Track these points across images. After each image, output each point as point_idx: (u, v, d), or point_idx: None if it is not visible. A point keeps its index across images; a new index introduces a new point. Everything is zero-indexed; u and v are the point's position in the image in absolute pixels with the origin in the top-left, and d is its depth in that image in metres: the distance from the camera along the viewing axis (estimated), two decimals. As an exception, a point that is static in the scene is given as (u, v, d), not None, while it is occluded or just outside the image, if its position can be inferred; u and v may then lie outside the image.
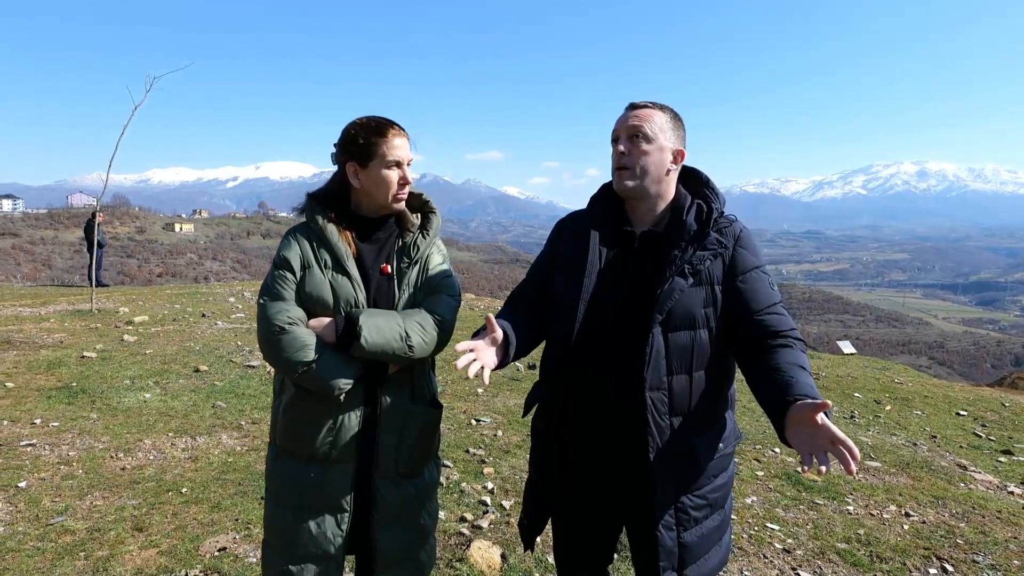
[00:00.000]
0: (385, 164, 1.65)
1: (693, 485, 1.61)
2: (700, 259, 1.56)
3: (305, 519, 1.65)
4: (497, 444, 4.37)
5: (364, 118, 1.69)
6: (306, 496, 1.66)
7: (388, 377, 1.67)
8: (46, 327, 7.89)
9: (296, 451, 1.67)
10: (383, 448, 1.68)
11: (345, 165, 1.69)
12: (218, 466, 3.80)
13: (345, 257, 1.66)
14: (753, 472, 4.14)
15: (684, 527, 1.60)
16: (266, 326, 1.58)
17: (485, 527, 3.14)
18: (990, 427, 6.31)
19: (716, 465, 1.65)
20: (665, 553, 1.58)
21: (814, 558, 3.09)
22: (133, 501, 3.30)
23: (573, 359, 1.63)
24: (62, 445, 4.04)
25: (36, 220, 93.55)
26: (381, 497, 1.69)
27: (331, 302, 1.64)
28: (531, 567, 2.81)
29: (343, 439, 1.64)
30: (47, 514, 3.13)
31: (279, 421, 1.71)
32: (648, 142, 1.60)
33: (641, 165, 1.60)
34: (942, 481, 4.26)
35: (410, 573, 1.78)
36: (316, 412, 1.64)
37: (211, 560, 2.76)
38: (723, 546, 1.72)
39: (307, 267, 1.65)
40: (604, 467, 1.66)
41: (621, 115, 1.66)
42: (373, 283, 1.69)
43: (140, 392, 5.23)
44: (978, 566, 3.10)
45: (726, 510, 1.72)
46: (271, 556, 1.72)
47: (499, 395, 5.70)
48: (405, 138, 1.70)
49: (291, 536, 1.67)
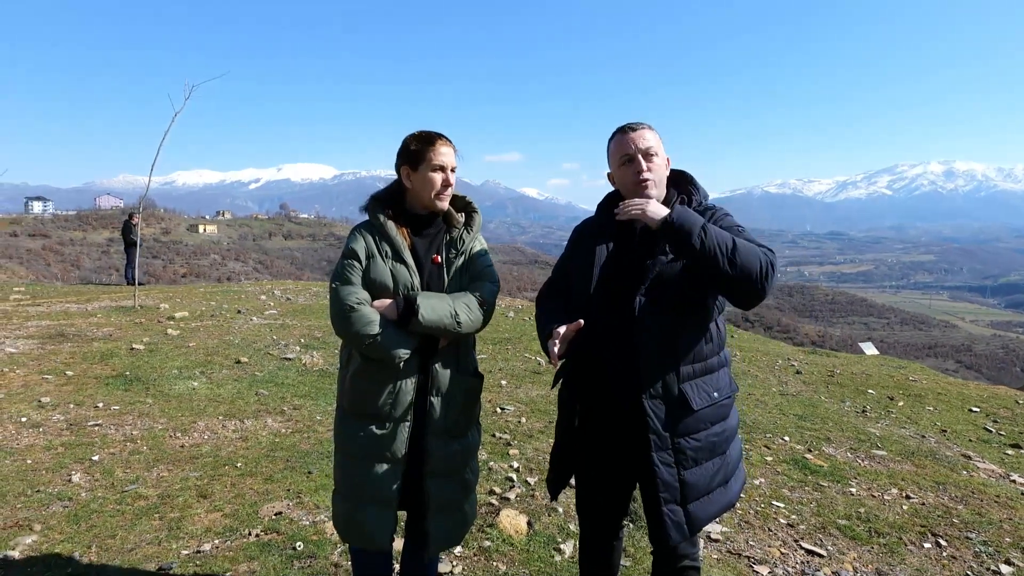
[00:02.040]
0: (431, 168, 1.97)
1: (689, 429, 1.87)
2: None
3: (368, 468, 1.96)
4: (521, 429, 4.68)
5: (419, 131, 2.02)
6: (369, 449, 1.96)
7: (438, 350, 1.99)
8: (94, 322, 8.38)
9: (361, 412, 1.98)
10: (434, 410, 1.98)
11: (400, 168, 2.02)
12: (267, 445, 4.16)
13: (402, 248, 1.98)
14: (763, 457, 4.39)
15: (683, 466, 1.86)
16: (338, 305, 1.90)
17: (512, 499, 3.45)
18: (1001, 423, 6.44)
19: (711, 413, 1.92)
20: (664, 486, 1.84)
21: (815, 532, 3.34)
22: (195, 473, 3.67)
23: (587, 338, 1.94)
24: (125, 426, 4.44)
25: (65, 221, 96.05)
26: (431, 452, 1.99)
27: (391, 286, 1.95)
28: (554, 533, 3.11)
29: (401, 402, 1.95)
30: (121, 483, 3.51)
31: (347, 388, 2.01)
32: (657, 157, 1.94)
33: (657, 178, 1.93)
34: (945, 468, 4.47)
35: (456, 521, 2.08)
36: (378, 379, 1.95)
37: (269, 522, 3.10)
38: (729, 491, 1.97)
39: (371, 257, 1.97)
40: (614, 427, 1.95)
41: (622, 137, 1.95)
42: (426, 270, 2.01)
43: (188, 381, 5.63)
44: (971, 542, 3.32)
45: (728, 457, 1.97)
46: (340, 502, 2.05)
47: (521, 387, 6.00)
48: (451, 147, 2.02)
49: (357, 482, 1.98)
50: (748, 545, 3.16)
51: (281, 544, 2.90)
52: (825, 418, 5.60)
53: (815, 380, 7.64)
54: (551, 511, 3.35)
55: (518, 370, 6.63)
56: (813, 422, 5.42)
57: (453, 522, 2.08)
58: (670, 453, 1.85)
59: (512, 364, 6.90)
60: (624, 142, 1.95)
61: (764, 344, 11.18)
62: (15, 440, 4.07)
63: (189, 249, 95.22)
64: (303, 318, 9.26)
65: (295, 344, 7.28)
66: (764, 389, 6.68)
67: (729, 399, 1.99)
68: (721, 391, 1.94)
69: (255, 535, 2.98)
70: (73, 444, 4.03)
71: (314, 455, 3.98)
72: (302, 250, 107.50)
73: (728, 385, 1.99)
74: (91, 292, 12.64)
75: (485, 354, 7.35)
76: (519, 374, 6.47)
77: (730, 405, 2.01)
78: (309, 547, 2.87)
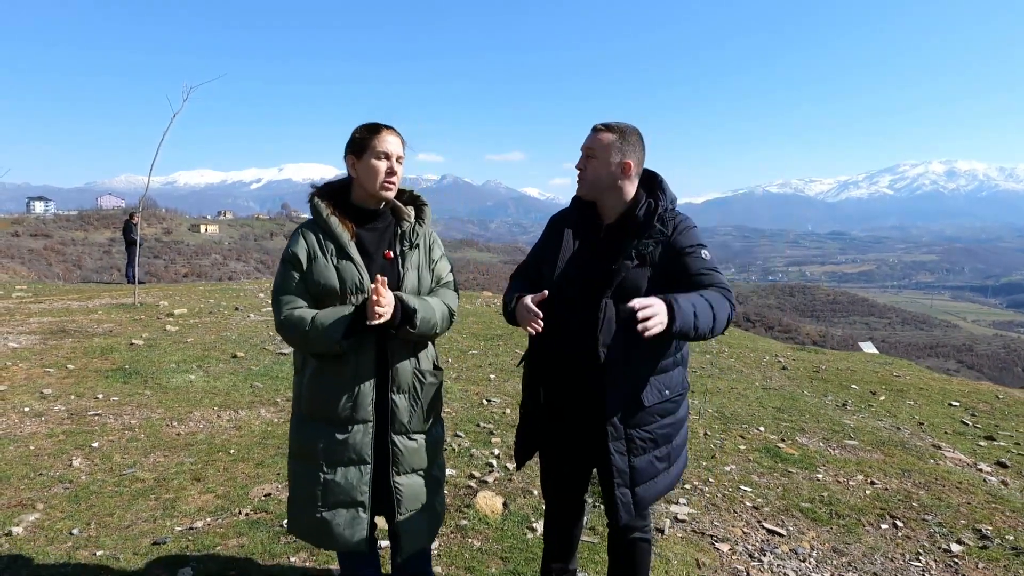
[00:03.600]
0: (375, 155, 1.93)
1: (640, 423, 2.05)
2: (644, 246, 2.02)
3: (333, 473, 1.93)
4: (505, 420, 4.85)
5: (367, 122, 2.00)
6: (332, 453, 1.93)
7: (397, 349, 1.97)
8: (95, 318, 8.57)
9: (321, 416, 1.93)
10: (396, 408, 1.97)
11: (346, 159, 1.99)
12: (259, 433, 4.34)
13: (347, 244, 1.92)
14: (736, 446, 4.56)
15: (634, 454, 2.05)
16: (275, 318, 1.92)
17: (490, 482, 3.63)
18: (979, 416, 6.60)
19: (661, 408, 2.08)
20: (618, 472, 2.03)
21: (779, 514, 3.51)
22: (190, 459, 3.85)
23: (548, 323, 2.10)
24: (123, 415, 4.62)
25: (67, 221, 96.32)
26: (398, 450, 1.98)
27: (338, 286, 1.89)
28: (528, 513, 3.29)
29: (362, 404, 1.92)
30: (119, 467, 3.69)
31: (303, 392, 1.98)
32: (594, 159, 2.06)
33: (587, 178, 2.08)
34: (912, 457, 4.63)
35: (427, 518, 2.07)
36: (337, 382, 1.91)
37: (259, 502, 3.28)
38: (671, 475, 2.17)
39: (313, 258, 1.91)
40: (571, 409, 2.13)
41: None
42: (376, 266, 1.96)
43: (186, 374, 5.81)
44: (927, 523, 3.49)
45: (673, 446, 2.16)
46: (299, 508, 2.00)
47: (509, 380, 6.17)
48: (396, 137, 1.97)
49: (321, 488, 1.93)
50: (712, 525, 3.33)
51: (269, 522, 3.07)
52: (803, 411, 5.76)
53: (800, 375, 7.81)
54: (526, 493, 3.52)
55: (507, 365, 6.80)
56: (791, 414, 5.59)
57: (424, 519, 2.07)
58: (623, 443, 2.03)
59: (502, 359, 7.07)
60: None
61: (753, 341, 11.35)
62: (18, 428, 4.26)
63: (190, 249, 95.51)
64: (300, 315, 9.44)
65: (291, 340, 7.46)
66: (747, 383, 6.85)
67: (680, 396, 2.14)
68: (672, 389, 2.10)
69: (245, 514, 3.15)
70: (74, 432, 4.21)
71: (304, 443, 4.16)
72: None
73: (680, 384, 2.14)
74: (92, 290, 12.85)
75: (477, 350, 7.53)
76: (508, 368, 6.64)
77: (680, 400, 2.17)
78: (295, 525, 3.05)
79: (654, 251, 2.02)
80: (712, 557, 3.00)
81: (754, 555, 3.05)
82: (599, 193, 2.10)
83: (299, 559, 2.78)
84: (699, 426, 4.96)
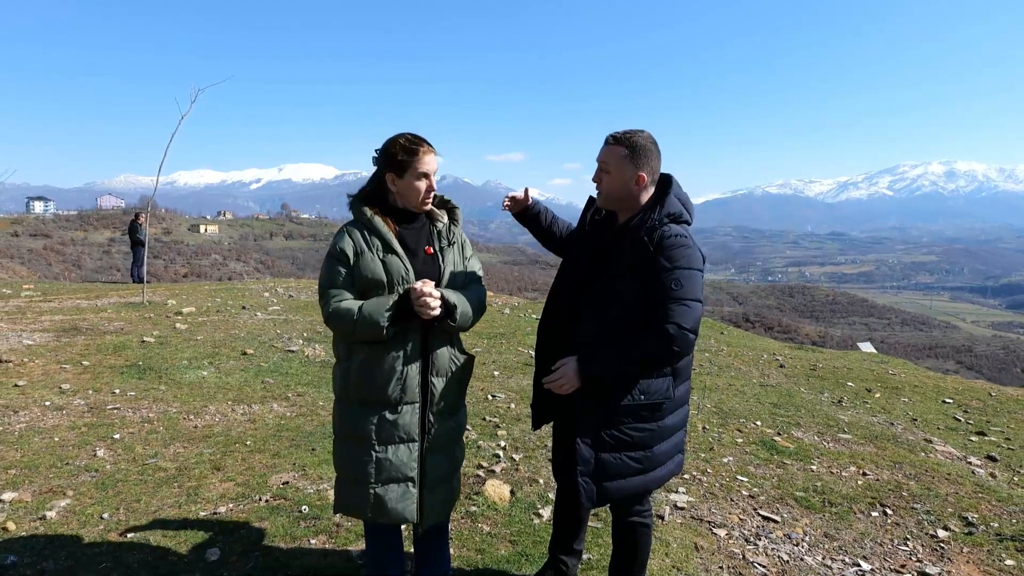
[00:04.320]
0: (416, 176, 2.09)
1: (609, 422, 2.13)
2: (633, 258, 2.09)
3: (385, 451, 2.08)
4: (510, 414, 5.01)
5: (402, 138, 2.11)
6: (384, 433, 2.07)
7: (436, 336, 2.13)
8: (105, 316, 8.73)
9: (372, 399, 2.07)
10: (435, 390, 2.12)
11: (385, 174, 2.13)
12: (273, 427, 4.50)
13: (392, 240, 2.08)
14: (734, 439, 4.72)
15: (602, 449, 2.14)
16: (323, 310, 2.08)
17: (498, 471, 3.79)
18: (971, 413, 6.76)
19: (633, 411, 2.12)
20: (582, 460, 2.13)
21: (774, 502, 3.67)
22: (208, 450, 4.00)
23: (553, 300, 2.34)
24: (141, 409, 4.78)
25: (67, 221, 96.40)
26: (433, 430, 2.13)
27: (384, 278, 2.05)
28: (534, 500, 3.44)
29: (410, 386, 2.08)
30: (142, 457, 3.85)
31: (352, 379, 2.09)
32: (607, 173, 2.18)
33: (603, 191, 2.22)
34: (904, 450, 4.80)
35: (446, 494, 2.26)
36: (385, 368, 2.06)
37: (278, 490, 3.44)
38: (648, 477, 2.21)
39: (360, 253, 2.06)
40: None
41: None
42: (419, 261, 2.14)
43: (198, 370, 5.97)
44: (915, 511, 3.65)
45: (654, 453, 2.19)
46: (349, 486, 2.12)
47: (513, 377, 6.33)
48: (433, 154, 2.12)
49: (375, 466, 2.08)
50: (710, 512, 3.49)
51: (289, 508, 3.23)
52: (799, 406, 5.92)
53: (797, 373, 7.97)
54: (532, 482, 3.68)
55: (511, 362, 6.96)
56: (787, 410, 5.75)
57: (445, 495, 2.22)
58: (590, 436, 2.14)
59: (505, 357, 7.23)
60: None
61: (752, 340, 11.51)
62: (41, 421, 4.41)
63: (190, 249, 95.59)
64: (305, 314, 9.60)
65: (298, 338, 7.62)
66: (745, 380, 7.01)
67: (661, 404, 2.14)
68: (651, 395, 2.11)
69: (265, 500, 3.31)
70: (95, 424, 4.37)
71: (317, 435, 4.32)
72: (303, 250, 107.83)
73: (662, 392, 2.13)
74: (99, 289, 13.00)
75: (480, 347, 7.68)
76: (511, 366, 6.80)
77: (661, 408, 2.16)
78: (314, 510, 3.21)
79: (639, 265, 2.08)
80: (710, 541, 3.16)
81: (750, 539, 3.21)
82: (615, 204, 2.23)
83: (319, 541, 2.94)
84: (698, 420, 5.12)
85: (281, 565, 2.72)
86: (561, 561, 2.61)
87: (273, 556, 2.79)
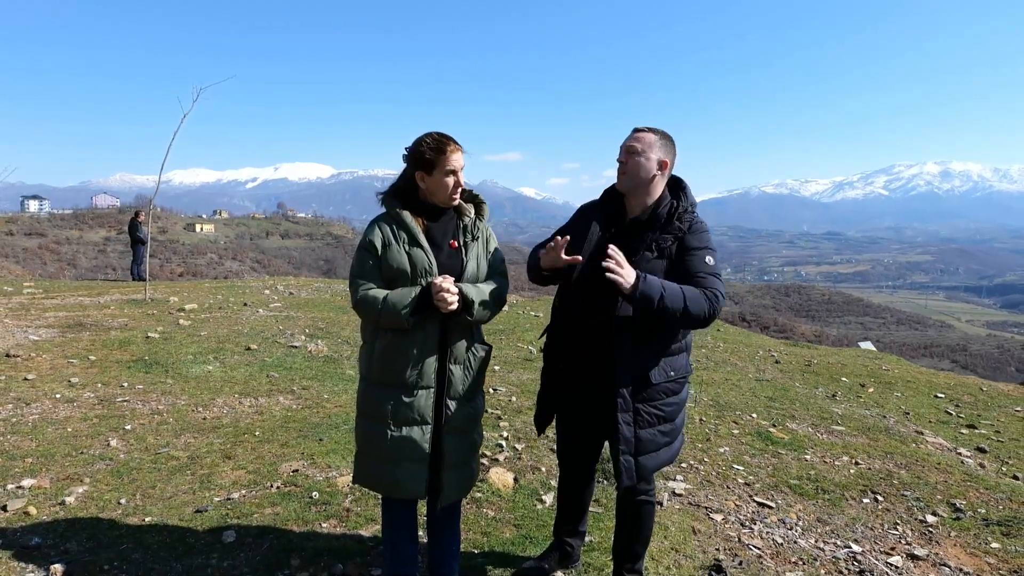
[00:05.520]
0: (444, 173, 2.20)
1: (647, 398, 2.31)
2: (664, 240, 2.29)
3: (399, 431, 2.21)
4: (511, 407, 5.12)
5: (430, 137, 2.22)
6: (399, 414, 2.20)
7: (456, 327, 2.27)
8: (108, 313, 8.81)
9: (390, 382, 2.21)
10: (453, 377, 2.25)
11: (415, 172, 2.24)
12: (280, 418, 4.60)
13: (418, 234, 2.21)
14: (730, 431, 4.84)
15: (640, 426, 2.32)
16: (352, 296, 2.22)
17: (501, 460, 3.90)
18: (963, 407, 6.90)
19: (667, 387, 2.35)
20: (624, 441, 2.30)
21: (768, 489, 3.79)
22: (218, 440, 4.10)
23: (571, 299, 2.39)
24: (150, 401, 4.87)
25: (62, 220, 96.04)
26: (450, 414, 2.25)
27: (409, 270, 2.18)
28: (537, 487, 3.56)
29: (426, 372, 2.21)
30: (154, 447, 3.95)
31: (375, 362, 2.24)
32: (639, 157, 2.30)
33: (629, 171, 2.33)
34: (895, 441, 4.92)
35: (465, 476, 2.39)
36: (406, 353, 2.19)
37: (288, 477, 3.54)
38: (672, 450, 2.43)
39: (387, 245, 2.19)
40: (586, 381, 2.39)
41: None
42: (443, 254, 2.25)
43: (203, 365, 6.06)
44: (905, 498, 3.78)
45: (675, 424, 2.41)
46: (367, 461, 2.27)
47: (513, 371, 6.45)
48: (460, 152, 2.23)
49: (389, 444, 2.21)
50: (707, 499, 3.61)
51: (300, 494, 3.34)
52: (794, 400, 6.05)
53: (792, 368, 8.10)
54: (534, 470, 3.80)
55: (511, 357, 7.08)
56: (782, 403, 5.88)
57: (462, 476, 2.34)
58: (631, 415, 2.30)
59: (505, 352, 7.34)
60: (625, 139, 2.37)
61: (747, 337, 11.64)
62: (53, 412, 4.51)
63: (186, 248, 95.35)
64: (307, 311, 9.69)
65: (300, 334, 7.71)
66: (741, 375, 7.13)
67: (684, 378, 2.39)
68: (678, 371, 2.35)
69: (276, 487, 3.42)
70: (106, 416, 4.46)
71: (324, 426, 4.42)
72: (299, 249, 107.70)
73: (684, 367, 2.39)
74: (101, 287, 13.07)
75: (480, 343, 7.79)
76: (511, 361, 6.91)
77: (684, 382, 2.40)
78: (324, 496, 3.31)
79: (671, 246, 2.29)
80: (707, 525, 3.28)
81: (745, 524, 3.33)
82: (637, 187, 2.34)
83: (329, 525, 3.04)
84: (695, 413, 5.24)
85: (295, 547, 2.82)
86: (566, 543, 2.72)
87: (287, 538, 2.89)
